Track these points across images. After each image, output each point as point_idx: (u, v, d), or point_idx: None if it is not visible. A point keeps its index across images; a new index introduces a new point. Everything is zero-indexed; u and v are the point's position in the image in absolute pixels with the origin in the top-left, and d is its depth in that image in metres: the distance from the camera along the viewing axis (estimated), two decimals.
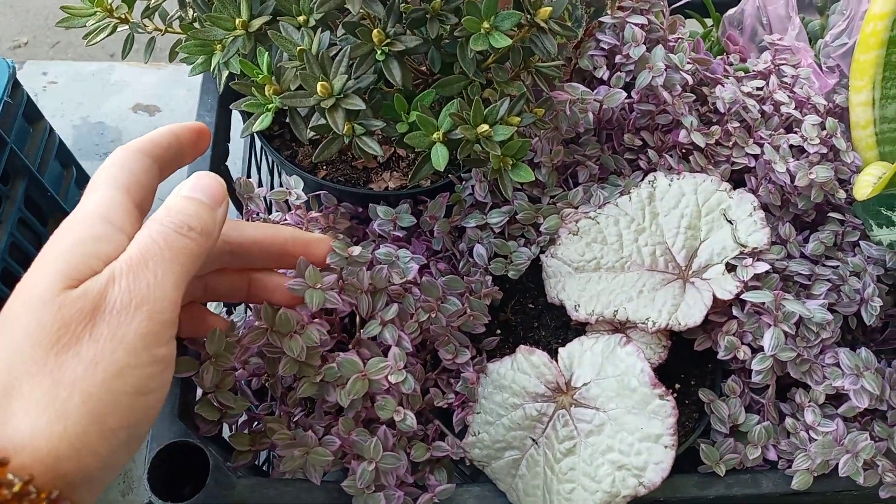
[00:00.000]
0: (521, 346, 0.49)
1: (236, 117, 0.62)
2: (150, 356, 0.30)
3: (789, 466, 0.52)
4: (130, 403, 0.29)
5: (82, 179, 0.81)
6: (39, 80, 0.96)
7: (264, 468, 0.59)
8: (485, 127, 0.48)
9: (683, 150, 0.62)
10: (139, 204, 0.36)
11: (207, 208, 0.36)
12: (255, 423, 0.51)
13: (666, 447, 0.43)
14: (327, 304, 0.46)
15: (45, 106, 0.95)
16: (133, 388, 0.29)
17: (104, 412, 0.29)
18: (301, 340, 0.45)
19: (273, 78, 0.50)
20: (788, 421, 0.53)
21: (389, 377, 0.47)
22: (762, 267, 0.51)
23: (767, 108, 0.64)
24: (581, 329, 0.58)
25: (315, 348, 0.46)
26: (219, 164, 0.59)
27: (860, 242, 0.59)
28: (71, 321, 0.28)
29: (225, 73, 0.56)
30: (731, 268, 0.52)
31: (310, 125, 0.49)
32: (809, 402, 0.53)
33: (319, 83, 0.46)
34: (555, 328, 0.59)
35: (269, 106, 0.50)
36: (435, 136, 0.49)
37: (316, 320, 0.46)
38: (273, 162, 0.77)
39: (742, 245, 0.52)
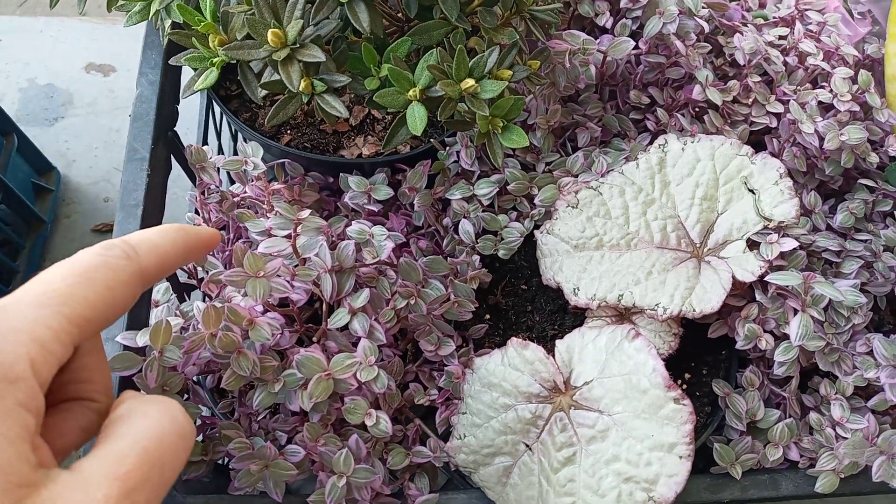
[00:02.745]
0: (513, 339, 0.43)
1: (189, 74, 0.54)
2: None
3: (811, 466, 0.47)
4: None
5: (25, 148, 0.73)
6: None
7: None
8: (470, 82, 0.41)
9: (697, 109, 0.55)
10: None
11: None
12: (211, 427, 0.44)
13: (681, 457, 0.37)
14: (274, 294, 0.39)
15: None
16: None
17: None
18: (251, 356, 0.38)
19: (219, 26, 0.42)
20: (812, 416, 0.47)
21: (358, 375, 0.40)
22: (789, 244, 0.44)
23: (791, 59, 0.57)
24: (580, 313, 0.51)
25: (270, 351, 0.40)
26: (165, 130, 0.51)
27: (894, 212, 0.52)
28: None
29: (168, 23, 0.48)
30: (752, 244, 0.46)
31: (261, 82, 0.41)
32: (836, 394, 0.47)
33: (270, 31, 0.39)
34: (550, 312, 0.53)
35: (215, 60, 0.42)
36: (411, 93, 0.41)
37: (268, 314, 0.39)
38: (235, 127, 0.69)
39: (766, 218, 0.45)
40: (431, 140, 0.53)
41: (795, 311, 0.44)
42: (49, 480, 0.22)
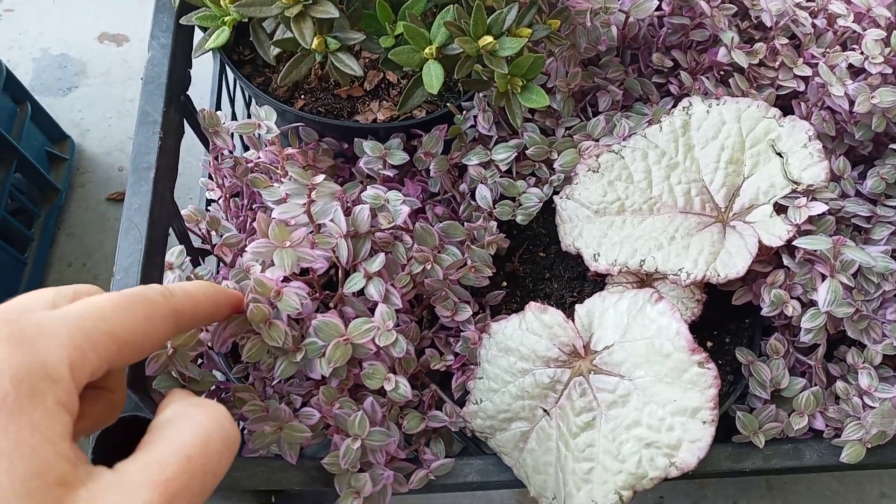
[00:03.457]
0: (531, 304, 0.42)
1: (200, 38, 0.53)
2: None
3: (836, 435, 0.46)
4: None
5: (40, 117, 0.73)
6: None
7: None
8: (488, 39, 0.40)
9: (721, 73, 0.53)
10: None
11: None
12: (224, 391, 0.44)
13: (704, 423, 0.36)
14: (302, 264, 0.38)
15: (1, 37, 0.86)
16: None
17: None
18: (282, 326, 0.37)
19: None
20: (839, 385, 0.46)
21: (377, 340, 0.40)
22: (819, 207, 0.43)
23: (819, 21, 0.55)
24: (599, 281, 0.50)
25: (290, 321, 0.39)
26: (178, 94, 0.50)
27: None
28: None
29: None
30: (780, 208, 0.44)
31: (274, 39, 0.40)
32: (864, 363, 0.46)
33: None
34: (569, 279, 0.52)
35: (226, 18, 0.41)
36: (427, 51, 0.40)
37: (292, 283, 0.39)
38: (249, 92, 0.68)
39: (794, 182, 0.44)
40: (448, 104, 0.52)
41: (824, 277, 0.43)
42: (90, 480, 0.22)
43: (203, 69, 0.53)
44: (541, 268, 0.52)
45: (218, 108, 0.61)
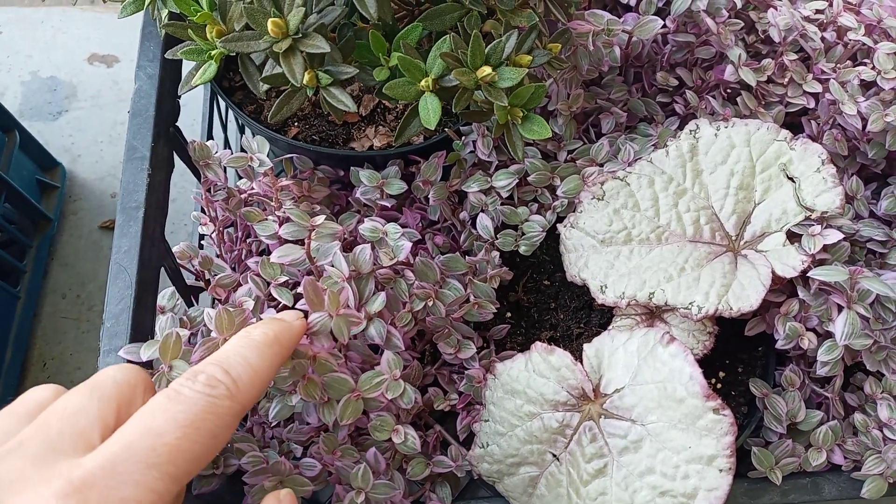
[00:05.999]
0: (537, 344, 0.40)
1: (191, 65, 0.52)
2: None
3: (855, 468, 0.44)
4: None
5: (29, 145, 0.71)
6: None
7: None
8: (487, 70, 0.38)
9: (728, 91, 0.52)
10: None
11: None
12: None
13: (721, 471, 0.35)
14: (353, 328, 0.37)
15: None
16: None
17: None
18: (317, 380, 0.36)
19: (216, 16, 0.40)
20: (857, 416, 0.45)
21: (385, 392, 0.38)
22: (834, 236, 0.41)
23: (829, 35, 0.53)
24: (607, 311, 0.49)
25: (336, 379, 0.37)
26: (167, 126, 0.49)
27: None
28: None
29: (164, 13, 0.46)
30: (793, 236, 0.43)
31: (263, 75, 0.38)
32: (882, 393, 0.45)
33: (270, 20, 0.36)
34: (575, 309, 0.50)
35: (213, 53, 0.40)
36: (423, 83, 0.38)
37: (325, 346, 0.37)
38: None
39: (808, 208, 0.42)
40: (446, 129, 0.50)
41: (840, 308, 0.41)
42: None
43: (194, 92, 0.51)
44: (546, 297, 0.50)
45: (210, 134, 0.60)
